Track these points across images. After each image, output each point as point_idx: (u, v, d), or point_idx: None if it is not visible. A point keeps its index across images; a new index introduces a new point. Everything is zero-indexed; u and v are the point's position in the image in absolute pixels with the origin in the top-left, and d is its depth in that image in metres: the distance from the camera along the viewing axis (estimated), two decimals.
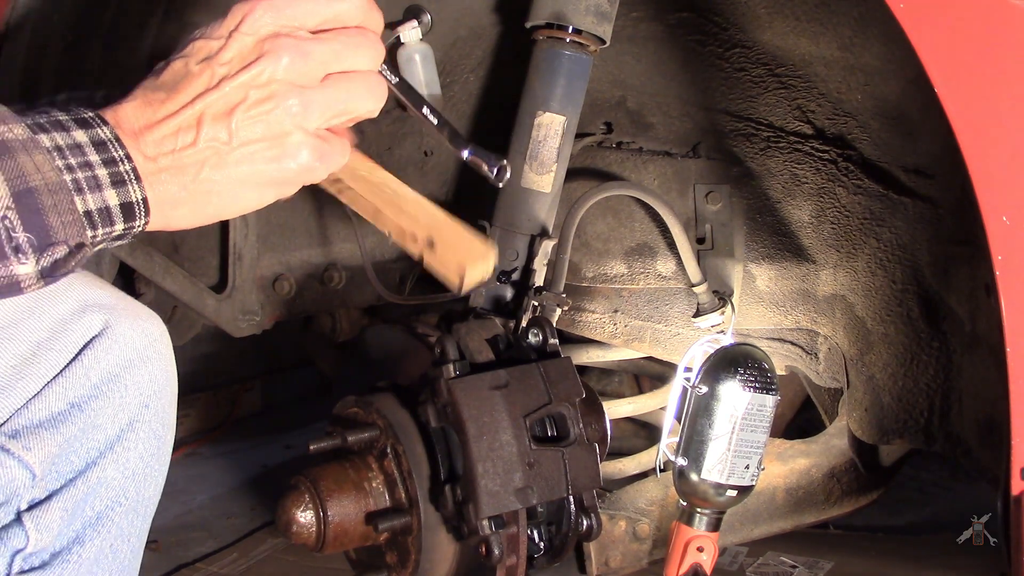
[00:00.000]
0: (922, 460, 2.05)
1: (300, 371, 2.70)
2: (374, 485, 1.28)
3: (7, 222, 0.73)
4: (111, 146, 0.79)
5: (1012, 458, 1.04)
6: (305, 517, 1.25)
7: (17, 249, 0.74)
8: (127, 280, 1.78)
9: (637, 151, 1.71)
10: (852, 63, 1.39)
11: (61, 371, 0.90)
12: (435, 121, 0.98)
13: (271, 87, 0.82)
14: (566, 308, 1.46)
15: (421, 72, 1.51)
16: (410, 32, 1.45)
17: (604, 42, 1.45)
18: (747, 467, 1.34)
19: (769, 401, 1.34)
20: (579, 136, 1.62)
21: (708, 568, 1.38)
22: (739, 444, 1.33)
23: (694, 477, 1.34)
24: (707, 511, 1.37)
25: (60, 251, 0.76)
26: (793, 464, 1.70)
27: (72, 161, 0.77)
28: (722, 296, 1.63)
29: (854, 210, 1.54)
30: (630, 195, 1.61)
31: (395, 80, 0.96)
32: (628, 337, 1.72)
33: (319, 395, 2.64)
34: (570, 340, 1.77)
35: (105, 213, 0.78)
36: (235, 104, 0.81)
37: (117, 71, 1.50)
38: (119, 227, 0.80)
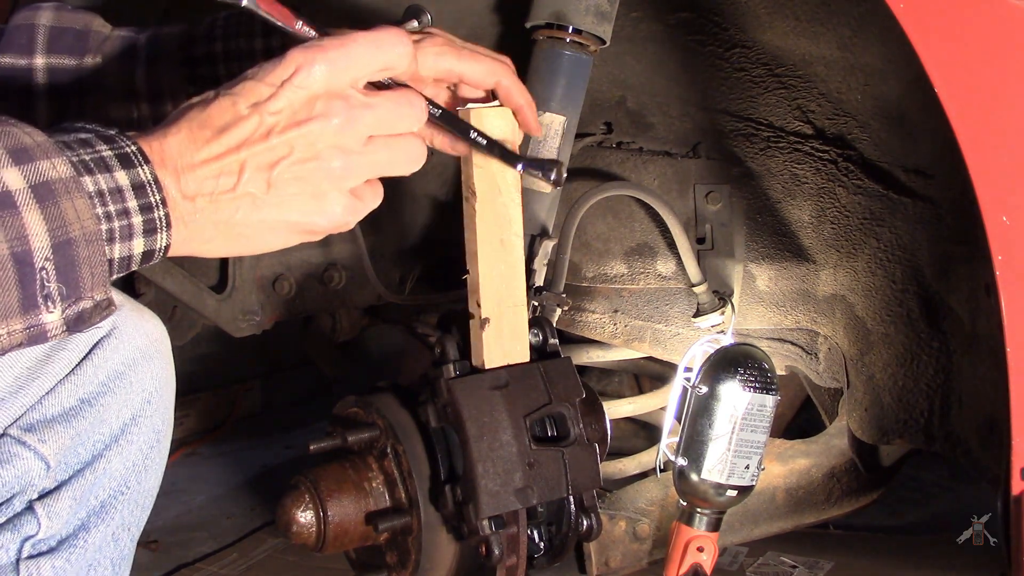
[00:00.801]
0: (922, 460, 2.06)
1: (300, 371, 2.70)
2: (374, 485, 1.28)
3: (44, 273, 0.75)
4: (149, 189, 0.81)
5: (1012, 458, 1.04)
6: (305, 517, 1.25)
7: (47, 298, 0.76)
8: (127, 280, 1.78)
9: (637, 151, 1.71)
10: (852, 63, 1.39)
11: (73, 369, 0.93)
12: (483, 143, 1.00)
13: (317, 147, 0.84)
14: (566, 308, 1.46)
15: None
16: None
17: (604, 42, 1.45)
18: (747, 467, 1.34)
19: (769, 401, 1.34)
20: (579, 136, 1.62)
21: (708, 568, 1.38)
22: (739, 444, 1.33)
23: (694, 477, 1.34)
24: (707, 511, 1.37)
25: (86, 304, 0.79)
26: (793, 464, 1.70)
27: (111, 209, 0.79)
28: (722, 296, 1.63)
29: (854, 210, 1.54)
30: (630, 195, 1.61)
31: (438, 113, 0.97)
32: (628, 337, 1.72)
33: (319, 395, 2.64)
34: (570, 340, 1.77)
35: (126, 262, 0.81)
36: (279, 158, 0.84)
37: None
38: (133, 268, 0.83)
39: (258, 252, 0.90)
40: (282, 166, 0.84)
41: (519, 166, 1.03)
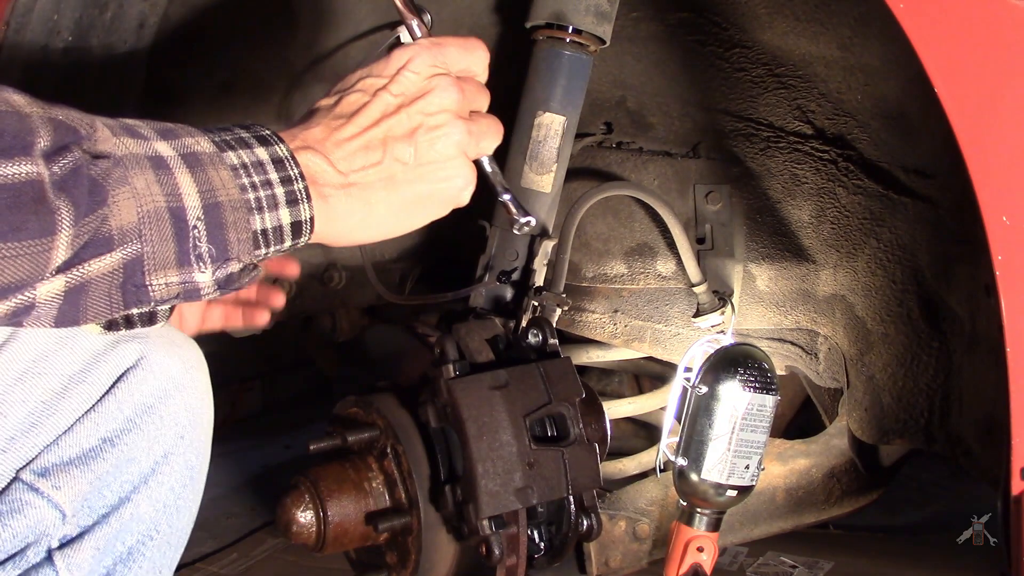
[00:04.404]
0: (922, 460, 2.06)
1: (300, 371, 2.69)
2: (374, 485, 1.28)
3: (196, 232, 0.78)
4: (288, 164, 0.84)
5: (1012, 458, 1.04)
6: (305, 517, 1.25)
7: (199, 258, 0.78)
8: None
9: (637, 151, 1.71)
10: (852, 63, 1.39)
11: (93, 405, 0.88)
12: (489, 170, 1.05)
13: (440, 116, 0.92)
14: (566, 308, 1.46)
15: None
16: None
17: (604, 42, 1.45)
18: (747, 467, 1.34)
19: (769, 401, 1.34)
20: (579, 136, 1.62)
21: (708, 568, 1.38)
22: (739, 444, 1.33)
23: (694, 477, 1.34)
24: (707, 511, 1.37)
25: (234, 267, 0.80)
26: (793, 464, 1.70)
27: (255, 179, 0.82)
28: (722, 296, 1.63)
29: (854, 210, 1.54)
30: (630, 195, 1.61)
31: None
32: (628, 337, 1.72)
33: (319, 395, 2.64)
34: (570, 340, 1.77)
35: (277, 232, 0.83)
36: (415, 127, 0.91)
37: (116, 71, 1.50)
38: (287, 244, 0.85)
39: (401, 232, 0.93)
40: (419, 134, 0.90)
41: (506, 196, 1.07)
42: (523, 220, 1.07)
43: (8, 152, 0.69)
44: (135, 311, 0.78)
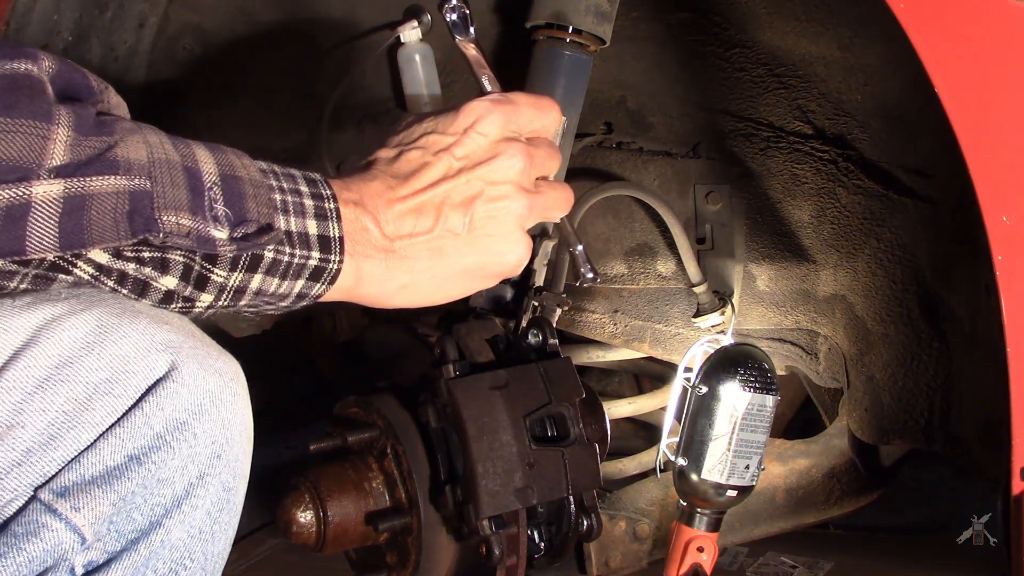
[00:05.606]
0: (922, 460, 2.06)
1: (300, 371, 2.69)
2: (374, 485, 1.28)
3: (212, 193, 0.76)
4: (320, 184, 0.82)
5: (1012, 458, 1.04)
6: (305, 517, 1.25)
7: (216, 219, 0.76)
8: None
9: (637, 151, 1.71)
10: (852, 63, 1.39)
11: (119, 420, 0.80)
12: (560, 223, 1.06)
13: (504, 187, 0.88)
14: (566, 308, 1.46)
15: (421, 72, 1.51)
16: (410, 32, 1.45)
17: (604, 42, 1.45)
18: (747, 467, 1.34)
19: (769, 401, 1.34)
20: (579, 136, 1.62)
21: (708, 568, 1.38)
22: (739, 444, 1.33)
23: (694, 477, 1.34)
24: (707, 511, 1.37)
25: (251, 227, 0.78)
26: (793, 464, 1.70)
27: (283, 184, 0.80)
28: (722, 296, 1.63)
29: (854, 210, 1.54)
30: (630, 195, 1.61)
31: None
32: (628, 337, 1.72)
33: (319, 395, 2.64)
34: (570, 340, 1.77)
35: (303, 239, 0.81)
36: (474, 196, 0.87)
37: (116, 71, 1.50)
38: (315, 255, 0.81)
39: (444, 301, 0.91)
40: (477, 204, 0.87)
41: (578, 248, 1.08)
42: (590, 276, 1.06)
43: (11, 56, 0.68)
44: (147, 253, 0.76)
